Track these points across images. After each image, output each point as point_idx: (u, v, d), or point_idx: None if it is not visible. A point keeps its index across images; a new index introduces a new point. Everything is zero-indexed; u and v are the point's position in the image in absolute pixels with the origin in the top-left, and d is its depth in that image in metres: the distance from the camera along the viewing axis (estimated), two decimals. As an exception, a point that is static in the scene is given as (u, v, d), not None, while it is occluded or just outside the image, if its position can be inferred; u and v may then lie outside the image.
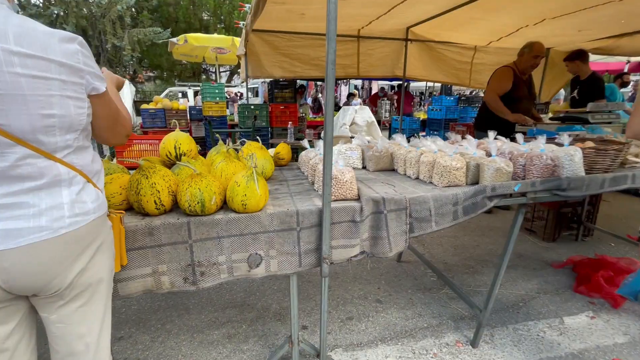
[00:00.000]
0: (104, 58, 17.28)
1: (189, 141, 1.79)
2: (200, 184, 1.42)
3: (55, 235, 0.92)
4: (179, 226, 1.43)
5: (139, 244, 1.40)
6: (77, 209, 0.96)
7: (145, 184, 1.40)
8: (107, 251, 1.12)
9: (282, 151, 2.54)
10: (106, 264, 1.11)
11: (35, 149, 0.87)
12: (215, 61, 8.30)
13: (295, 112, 5.71)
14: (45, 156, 0.89)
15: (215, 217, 1.47)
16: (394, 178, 2.07)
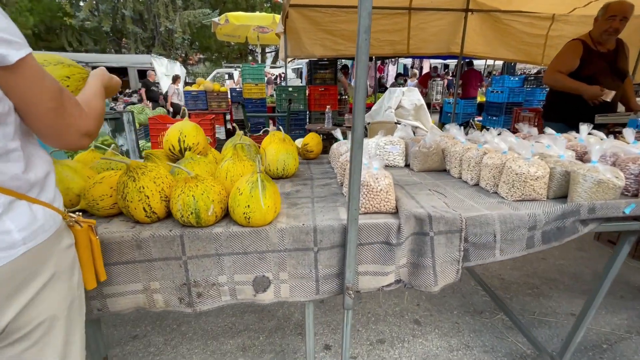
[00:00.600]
0: (158, 41, 18.07)
1: (196, 133, 1.53)
2: (194, 191, 1.14)
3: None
4: (170, 240, 1.18)
5: (127, 258, 1.19)
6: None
7: (132, 188, 1.16)
8: (64, 281, 0.89)
9: (310, 142, 2.20)
10: (63, 295, 0.89)
11: None
12: (257, 41, 8.07)
13: (335, 94, 5.30)
14: None
15: (213, 231, 1.20)
16: (445, 183, 1.64)
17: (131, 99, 12.94)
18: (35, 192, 0.80)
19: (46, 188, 0.85)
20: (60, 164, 1.30)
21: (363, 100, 1.03)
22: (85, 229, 1.01)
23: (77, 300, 0.98)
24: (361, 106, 1.03)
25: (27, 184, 0.77)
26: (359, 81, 1.01)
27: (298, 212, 1.35)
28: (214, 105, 7.23)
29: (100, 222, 1.26)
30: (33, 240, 0.78)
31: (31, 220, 0.78)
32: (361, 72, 1.00)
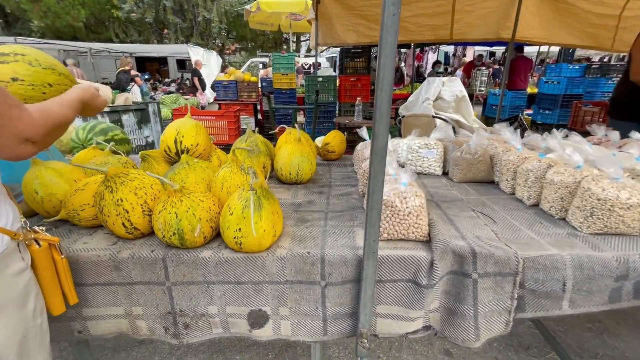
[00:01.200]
0: (196, 31, 18.45)
1: (196, 132, 1.33)
2: (177, 207, 0.94)
3: None
4: (152, 262, 1.00)
5: (105, 279, 1.03)
6: None
7: (109, 201, 0.98)
8: (11, 313, 0.76)
9: (332, 142, 1.94)
10: (11, 329, 0.75)
11: None
12: (289, 29, 7.83)
13: (367, 85, 4.95)
14: None
15: (201, 255, 1.00)
16: (493, 200, 1.32)
17: (169, 87, 13.37)
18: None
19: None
20: (44, 166, 1.16)
21: (388, 98, 0.75)
22: (45, 249, 0.87)
23: (35, 331, 0.83)
24: (385, 106, 0.76)
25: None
26: (383, 72, 0.73)
27: (305, 232, 1.12)
28: (244, 95, 7.15)
29: (82, 235, 1.11)
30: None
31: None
32: (386, 59, 0.72)
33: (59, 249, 0.91)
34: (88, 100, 0.91)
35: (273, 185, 1.59)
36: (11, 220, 0.79)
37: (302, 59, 14.46)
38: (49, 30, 15.49)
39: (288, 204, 1.37)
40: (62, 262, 0.91)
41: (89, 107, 0.93)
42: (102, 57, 13.98)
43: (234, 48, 23.20)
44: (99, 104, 0.98)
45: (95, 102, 0.96)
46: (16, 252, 0.79)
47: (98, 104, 0.97)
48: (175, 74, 17.17)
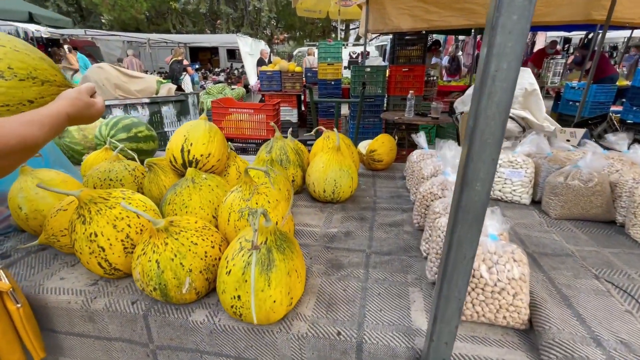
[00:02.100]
0: (246, 21, 18.69)
1: (209, 139, 1.06)
2: (160, 253, 0.68)
3: None
4: (131, 319, 0.76)
5: (79, 330, 0.81)
6: None
7: (81, 234, 0.75)
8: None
9: (379, 149, 1.58)
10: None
11: None
12: (337, 16, 7.41)
13: (421, 76, 4.41)
14: None
15: (191, 318, 0.73)
16: (623, 258, 0.88)
17: (218, 77, 13.70)
18: None
19: None
20: (31, 177, 0.97)
21: (501, 115, 0.39)
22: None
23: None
24: (496, 128, 0.40)
25: None
26: (498, 66, 0.37)
27: (337, 288, 0.80)
28: (288, 86, 6.94)
29: (63, 265, 0.90)
30: None
31: None
32: (513, 52, 0.36)
33: (13, 296, 0.69)
34: (76, 115, 0.71)
35: (302, 204, 1.28)
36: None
37: (350, 47, 13.89)
38: (115, 23, 16.68)
39: (318, 234, 1.06)
40: (19, 312, 0.70)
41: (79, 119, 0.73)
42: (159, 48, 14.72)
43: (282, 37, 23.22)
44: (93, 113, 0.77)
45: (88, 113, 0.75)
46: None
47: (91, 114, 0.76)
48: (225, 63, 17.61)
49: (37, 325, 0.77)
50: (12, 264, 0.91)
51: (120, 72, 3.97)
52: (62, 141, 1.78)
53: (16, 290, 0.71)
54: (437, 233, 0.82)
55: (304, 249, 0.97)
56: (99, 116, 0.79)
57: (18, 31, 9.69)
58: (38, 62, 0.68)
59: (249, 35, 14.47)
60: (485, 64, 0.38)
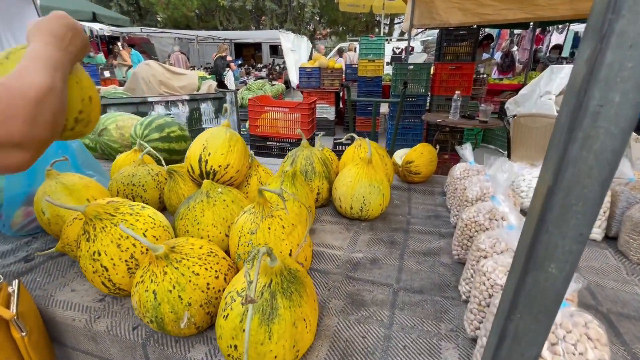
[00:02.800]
0: (290, 17, 18.82)
1: (229, 149, 0.99)
2: (158, 283, 0.61)
3: None
4: (131, 346, 0.71)
5: (84, 348, 0.78)
6: None
7: (85, 252, 0.71)
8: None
9: (417, 160, 1.43)
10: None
11: None
12: (381, 10, 7.14)
13: (470, 74, 4.07)
14: None
15: (190, 354, 0.66)
16: None
17: (260, 73, 13.97)
18: None
19: None
20: (55, 180, 0.97)
21: (603, 178, 0.25)
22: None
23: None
24: (594, 195, 0.26)
25: None
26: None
27: (355, 335, 0.68)
28: (327, 83, 6.82)
29: (76, 276, 0.88)
30: None
31: None
32: (633, 78, 0.22)
33: (18, 325, 0.66)
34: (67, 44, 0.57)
35: (327, 219, 1.18)
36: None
37: (394, 43, 13.40)
38: (169, 21, 17.65)
39: (341, 259, 0.95)
40: (24, 341, 0.67)
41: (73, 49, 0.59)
42: (207, 44, 15.32)
43: (325, 33, 23.10)
44: (81, 44, 0.62)
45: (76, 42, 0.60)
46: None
47: (77, 44, 0.61)
48: (268, 59, 17.92)
49: (47, 352, 0.75)
50: (32, 269, 0.91)
51: (165, 69, 4.13)
52: (101, 139, 1.84)
53: (26, 314, 0.69)
54: (482, 279, 0.67)
55: (323, 278, 0.87)
56: (84, 49, 0.65)
57: (84, 30, 10.61)
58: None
59: (291, 31, 14.55)
60: (579, 90, 0.24)
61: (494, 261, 0.68)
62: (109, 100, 2.91)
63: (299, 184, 0.98)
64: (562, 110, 0.27)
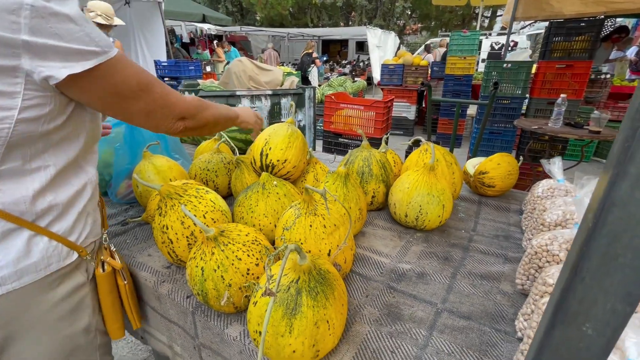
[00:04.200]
0: (379, 12, 18.49)
1: (288, 144, 1.03)
2: (206, 261, 0.69)
3: None
4: (183, 311, 0.81)
5: (152, 305, 0.92)
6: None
7: (157, 225, 0.83)
8: (54, 332, 0.70)
9: (492, 172, 1.28)
10: (55, 346, 0.71)
11: None
12: (480, 2, 6.49)
13: (584, 75, 3.42)
14: None
15: (226, 330, 0.72)
16: None
17: (344, 69, 14.10)
18: (47, 220, 0.65)
19: (65, 216, 0.69)
20: (148, 161, 1.15)
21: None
22: (109, 274, 0.79)
23: (85, 347, 0.78)
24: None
25: (34, 210, 0.63)
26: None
27: (385, 349, 0.66)
28: (410, 81, 6.55)
29: (152, 244, 1.04)
30: (16, 280, 0.62)
31: (21, 256, 0.62)
32: None
33: (123, 274, 0.83)
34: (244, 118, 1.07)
35: (380, 224, 1.15)
36: (85, 234, 0.74)
37: (493, 37, 12.04)
38: (265, 20, 19.04)
39: (386, 267, 0.92)
40: (125, 287, 0.83)
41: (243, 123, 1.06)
42: (297, 41, 16.10)
43: (415, 28, 22.06)
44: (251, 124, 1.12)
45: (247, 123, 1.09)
46: (77, 269, 0.73)
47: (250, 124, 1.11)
48: (353, 55, 17.97)
49: (136, 299, 0.91)
50: (125, 232, 1.11)
51: (255, 65, 4.48)
52: (193, 127, 2.10)
53: (124, 268, 0.85)
54: (542, 251, 0.57)
55: (362, 282, 0.86)
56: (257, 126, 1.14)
57: (197, 29, 12.17)
58: None
59: (379, 26, 14.29)
60: (637, 112, 0.19)
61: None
62: (204, 93, 3.30)
63: (351, 185, 0.98)
64: (617, 137, 0.21)
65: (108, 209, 1.25)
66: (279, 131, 1.06)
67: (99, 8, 3.60)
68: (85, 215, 0.73)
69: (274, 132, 1.06)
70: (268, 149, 1.03)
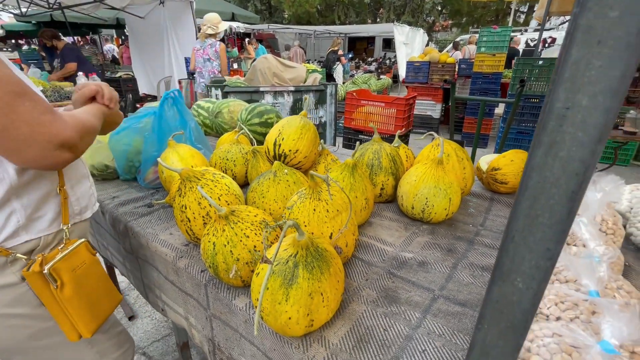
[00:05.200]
0: (408, 9, 18.12)
1: (300, 135, 1.09)
2: (217, 237, 0.76)
3: None
4: (197, 284, 0.89)
5: (171, 278, 1.01)
6: None
7: (177, 205, 0.92)
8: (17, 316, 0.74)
9: (505, 168, 1.27)
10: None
11: None
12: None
13: (623, 73, 3.23)
14: None
15: (234, 302, 0.79)
16: None
17: (370, 67, 13.98)
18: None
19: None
20: (172, 148, 1.24)
21: (571, 188, 0.23)
22: (36, 274, 0.73)
23: (46, 330, 0.81)
24: (561, 207, 0.24)
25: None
26: None
27: (378, 326, 0.70)
28: (435, 78, 6.42)
29: (174, 224, 1.13)
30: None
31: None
32: (603, 79, 0.20)
33: (52, 277, 0.75)
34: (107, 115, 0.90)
35: (388, 216, 1.18)
36: (7, 233, 0.71)
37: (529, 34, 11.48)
38: (293, 18, 19.21)
39: (389, 255, 0.95)
40: (55, 292, 0.75)
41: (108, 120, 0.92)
42: (323, 38, 16.13)
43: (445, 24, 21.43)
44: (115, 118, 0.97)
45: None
46: (5, 268, 0.73)
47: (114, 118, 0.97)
48: (379, 52, 17.75)
49: (86, 309, 0.81)
50: (151, 212, 1.21)
51: (279, 62, 4.58)
52: (216, 120, 2.21)
53: (78, 268, 0.80)
54: None
55: (364, 267, 0.90)
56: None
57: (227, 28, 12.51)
58: None
59: (407, 23, 14.02)
60: (550, 92, 0.23)
61: (547, 289, 0.59)
62: (230, 89, 3.43)
63: (358, 175, 1.02)
64: (541, 114, 0.25)
65: (136, 192, 1.37)
66: (292, 122, 1.12)
67: (209, 21, 4.34)
68: (7, 214, 0.70)
69: (287, 123, 1.12)
70: (281, 140, 1.09)
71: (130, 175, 1.49)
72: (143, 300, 2.15)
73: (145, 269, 1.13)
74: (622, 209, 1.01)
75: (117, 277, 2.14)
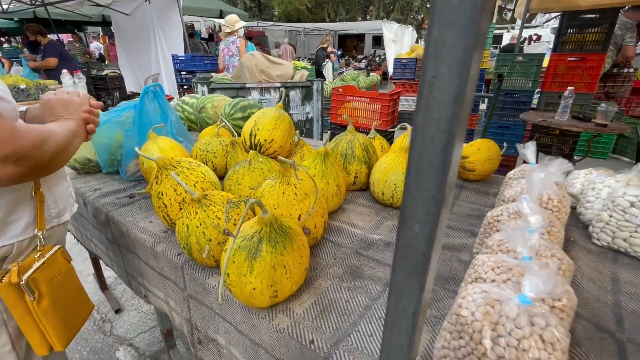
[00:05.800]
0: (397, 6, 18.22)
1: (274, 126, 1.14)
2: (190, 219, 0.80)
3: None
4: (175, 266, 0.93)
5: (151, 263, 1.05)
6: None
7: (154, 191, 0.96)
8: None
9: (473, 156, 1.34)
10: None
11: None
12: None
13: (597, 67, 3.34)
14: None
15: (207, 280, 0.84)
16: None
17: (359, 64, 14.05)
18: None
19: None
20: (153, 140, 1.27)
21: (443, 144, 0.29)
22: (7, 285, 0.70)
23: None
24: (437, 160, 0.30)
25: None
26: None
27: (340, 298, 0.75)
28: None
29: (154, 213, 1.17)
30: None
31: None
32: (454, 52, 0.25)
33: (29, 289, 0.72)
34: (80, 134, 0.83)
35: (361, 203, 1.23)
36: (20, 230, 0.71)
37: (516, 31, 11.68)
38: (283, 15, 19.14)
39: (357, 237, 1.01)
40: (32, 304, 0.72)
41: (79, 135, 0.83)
42: (313, 36, 16.14)
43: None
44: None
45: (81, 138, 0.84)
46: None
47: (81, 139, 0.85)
48: (369, 50, 17.85)
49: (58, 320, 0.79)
50: (132, 203, 1.24)
51: (266, 59, 4.60)
52: (200, 115, 2.24)
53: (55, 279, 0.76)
54: (470, 271, 0.66)
55: (332, 248, 0.95)
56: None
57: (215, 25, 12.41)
58: None
59: (397, 21, 14.11)
60: (423, 66, 0.28)
61: (488, 257, 0.66)
62: (216, 85, 3.45)
63: (330, 163, 1.07)
64: (425, 84, 0.30)
65: (118, 184, 1.40)
66: (267, 114, 1.16)
67: (227, 21, 4.73)
68: (25, 207, 0.68)
69: (262, 115, 1.17)
70: (257, 130, 1.14)
71: (113, 168, 1.52)
72: (130, 294, 2.18)
73: (127, 257, 1.17)
74: (575, 191, 1.09)
75: (104, 272, 2.16)
